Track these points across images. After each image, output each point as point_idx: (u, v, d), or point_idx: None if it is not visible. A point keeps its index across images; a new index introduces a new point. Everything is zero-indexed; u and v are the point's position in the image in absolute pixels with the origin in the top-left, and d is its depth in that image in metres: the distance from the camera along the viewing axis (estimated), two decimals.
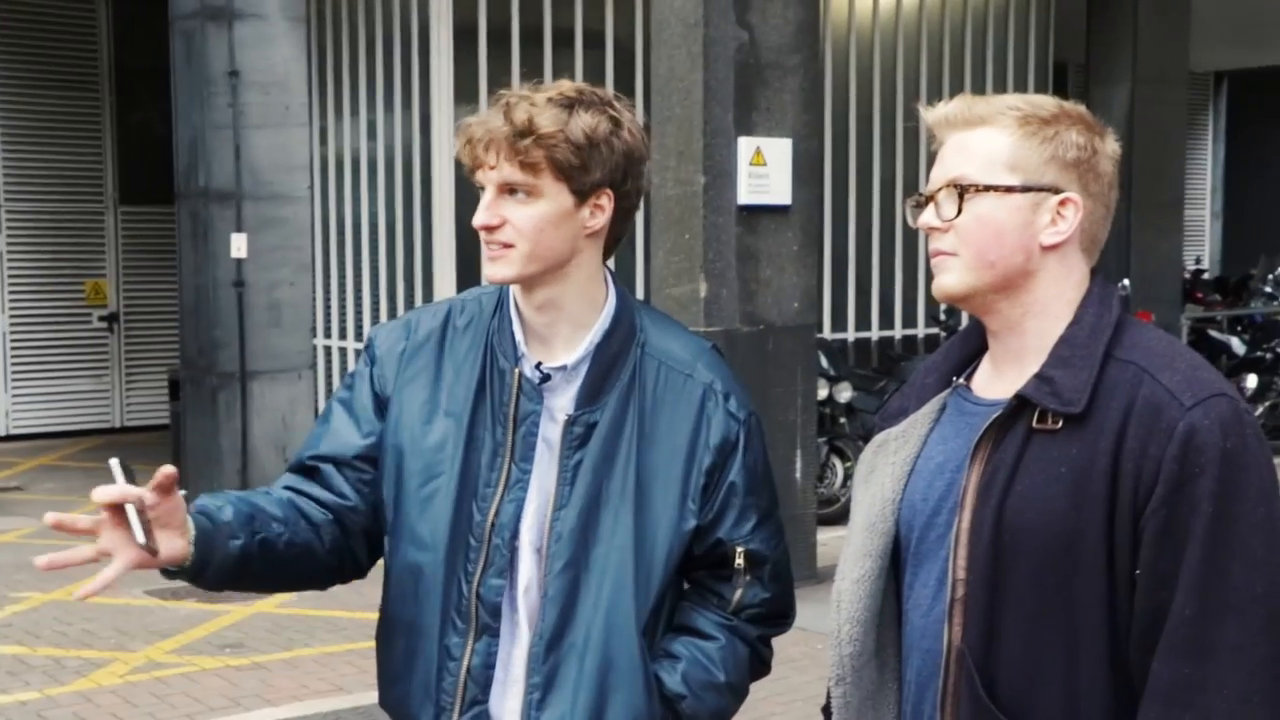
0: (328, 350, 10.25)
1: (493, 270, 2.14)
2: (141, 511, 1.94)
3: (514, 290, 2.21)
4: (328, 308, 10.28)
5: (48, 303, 13.99)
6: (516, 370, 2.17)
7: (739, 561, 2.21)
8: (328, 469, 2.23)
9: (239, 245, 9.17)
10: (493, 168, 2.10)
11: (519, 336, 2.20)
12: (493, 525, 2.14)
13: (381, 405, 2.23)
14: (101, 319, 14.27)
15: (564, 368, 2.18)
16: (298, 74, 9.47)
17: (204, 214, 9.24)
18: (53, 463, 12.73)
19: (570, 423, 2.15)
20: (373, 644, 2.29)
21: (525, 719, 2.12)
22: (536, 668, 2.12)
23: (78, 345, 14.18)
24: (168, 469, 1.98)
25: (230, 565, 2.08)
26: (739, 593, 2.22)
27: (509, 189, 2.11)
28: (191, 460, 9.43)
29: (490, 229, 2.11)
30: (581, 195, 2.13)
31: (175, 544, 2.01)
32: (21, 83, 13.63)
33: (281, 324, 9.40)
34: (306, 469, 2.25)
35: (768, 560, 2.25)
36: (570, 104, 2.10)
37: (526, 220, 2.10)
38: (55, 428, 13.99)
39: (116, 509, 1.96)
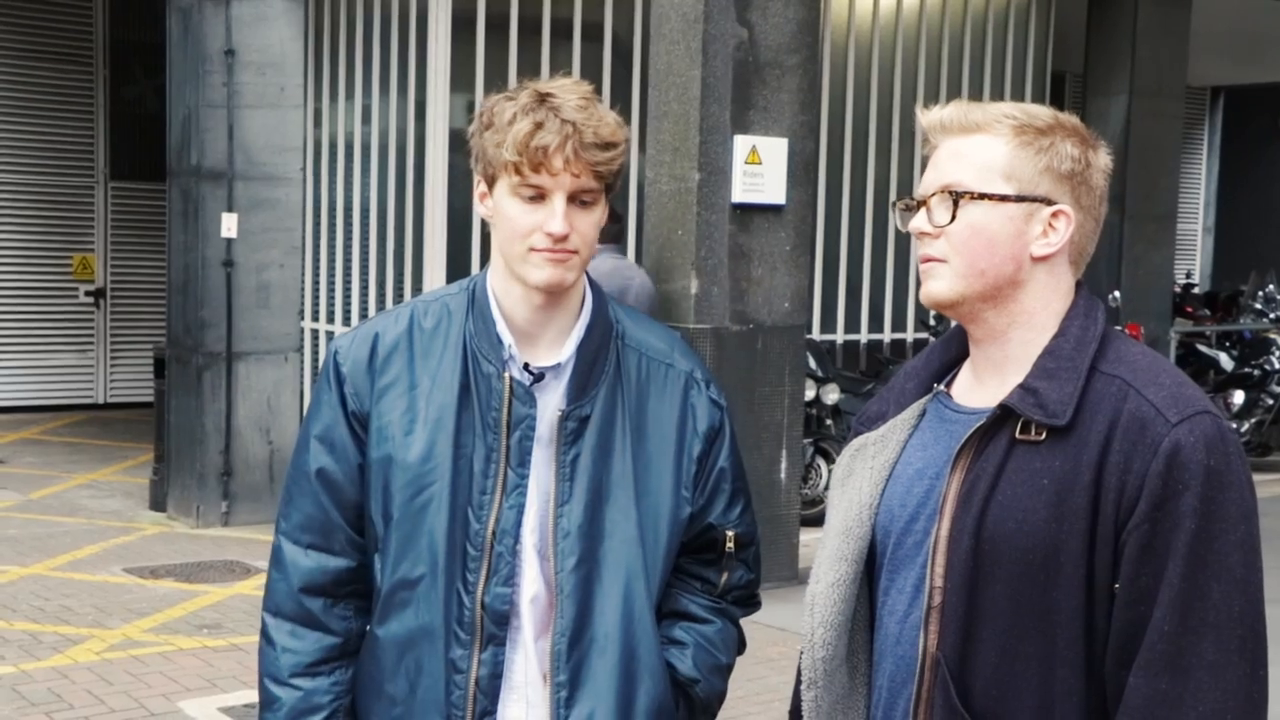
0: (315, 333, 10.22)
1: (558, 274, 2.09)
2: None
3: (500, 290, 2.18)
4: (316, 291, 10.26)
5: (34, 276, 13.96)
6: (507, 375, 2.13)
7: (730, 545, 2.25)
8: (329, 505, 2.20)
9: (229, 225, 9.14)
10: (576, 175, 2.06)
11: (507, 339, 2.16)
12: (494, 533, 2.11)
13: (360, 424, 2.17)
14: (88, 294, 14.24)
15: (556, 366, 2.16)
16: (294, 55, 9.44)
17: (195, 192, 9.21)
18: (34, 436, 12.70)
19: (564, 418, 2.14)
20: None
21: (555, 716, 2.11)
22: (561, 666, 2.10)
23: (63, 319, 14.15)
24: None
25: None
26: (725, 576, 2.27)
27: (573, 197, 2.08)
28: (175, 439, 9.41)
29: (564, 238, 2.08)
30: (608, 196, 2.16)
31: None
32: (14, 55, 13.58)
33: (270, 305, 9.37)
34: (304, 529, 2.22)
35: (753, 543, 2.30)
36: (600, 105, 2.11)
37: (589, 228, 2.11)
38: (38, 401, 13.96)
39: None
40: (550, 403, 2.15)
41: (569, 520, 2.12)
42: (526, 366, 2.15)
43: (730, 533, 2.25)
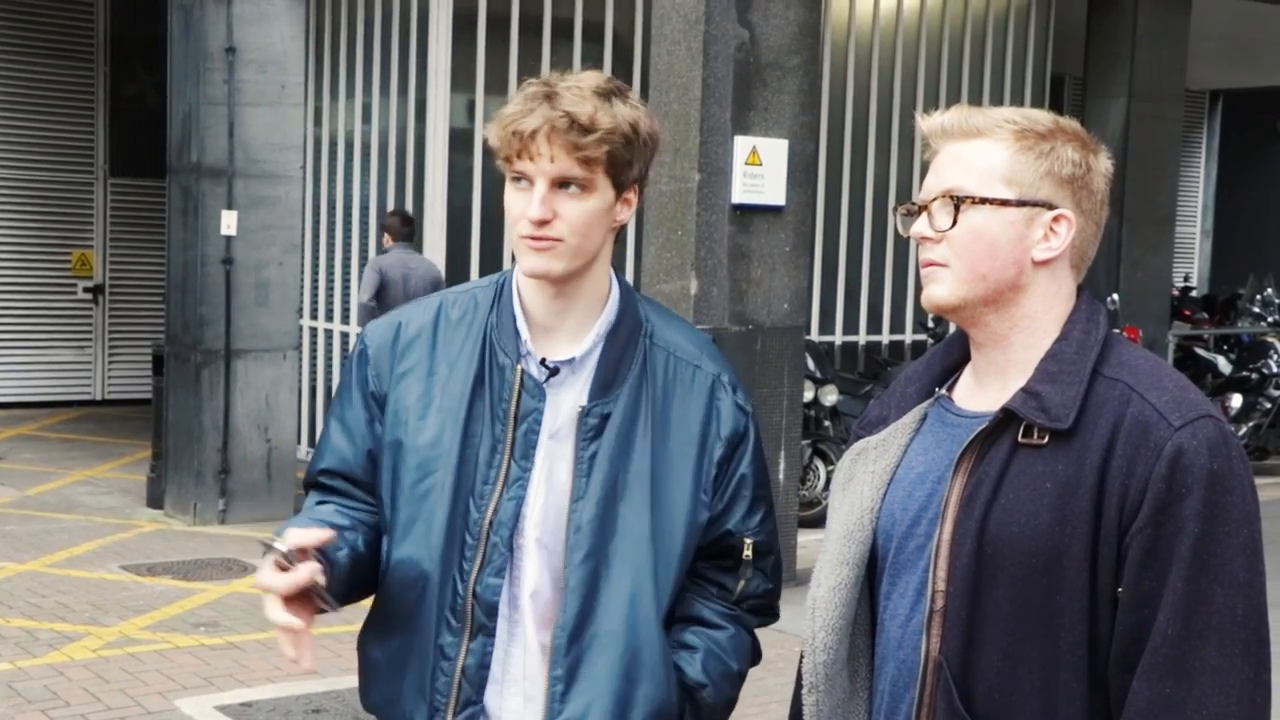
0: (314, 331, 10.23)
1: (541, 263, 2.08)
2: (315, 584, 2.01)
3: (521, 283, 2.18)
4: (315, 289, 10.26)
5: (33, 272, 13.95)
6: (518, 368, 2.14)
7: (747, 553, 2.23)
8: (343, 484, 2.24)
9: (229, 223, 9.14)
10: (551, 160, 2.04)
11: (524, 333, 2.17)
12: (491, 523, 2.11)
13: (377, 405, 2.21)
14: (87, 290, 14.23)
15: (571, 360, 2.16)
16: (295, 53, 9.45)
17: (195, 190, 9.21)
18: (32, 432, 12.70)
19: (584, 414, 2.13)
20: (347, 629, 2.27)
21: (549, 710, 2.10)
22: (559, 660, 2.10)
23: (62, 316, 14.15)
24: (327, 534, 2.03)
25: (345, 579, 2.12)
26: (742, 583, 2.24)
27: (561, 183, 2.06)
28: (173, 437, 9.41)
29: (544, 223, 2.06)
30: (620, 190, 2.12)
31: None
32: (14, 50, 13.58)
33: (269, 303, 9.37)
34: (324, 485, 2.26)
35: (772, 552, 2.27)
36: (609, 95, 2.08)
37: (579, 216, 2.08)
38: (36, 398, 13.96)
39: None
40: (569, 398, 2.15)
41: (581, 515, 2.12)
42: (543, 361, 2.15)
43: (749, 540, 2.22)
